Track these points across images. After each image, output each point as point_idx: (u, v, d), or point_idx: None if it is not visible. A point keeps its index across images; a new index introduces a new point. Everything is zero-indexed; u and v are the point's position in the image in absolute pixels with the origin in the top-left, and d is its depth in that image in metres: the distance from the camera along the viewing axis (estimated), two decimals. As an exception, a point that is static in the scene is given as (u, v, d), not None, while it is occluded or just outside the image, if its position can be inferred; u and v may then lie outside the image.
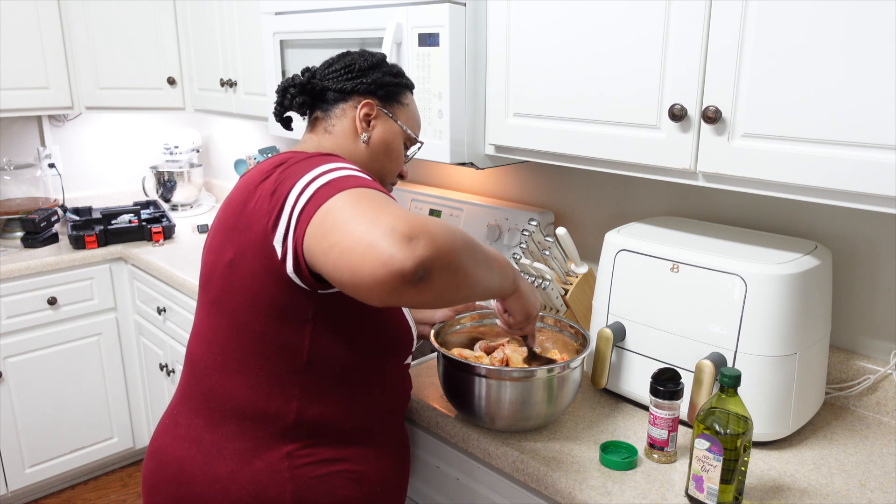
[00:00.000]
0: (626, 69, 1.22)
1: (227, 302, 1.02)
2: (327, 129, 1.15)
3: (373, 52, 1.18)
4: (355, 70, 1.14)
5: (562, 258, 1.57)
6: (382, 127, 1.16)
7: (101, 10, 2.50)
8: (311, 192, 0.91)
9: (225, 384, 1.04)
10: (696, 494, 1.03)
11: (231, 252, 1.00)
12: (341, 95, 1.14)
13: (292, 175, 0.95)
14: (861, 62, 0.96)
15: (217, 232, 1.05)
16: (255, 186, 1.00)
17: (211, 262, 1.05)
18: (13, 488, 2.44)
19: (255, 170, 1.06)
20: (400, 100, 1.18)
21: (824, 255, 1.22)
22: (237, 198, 1.02)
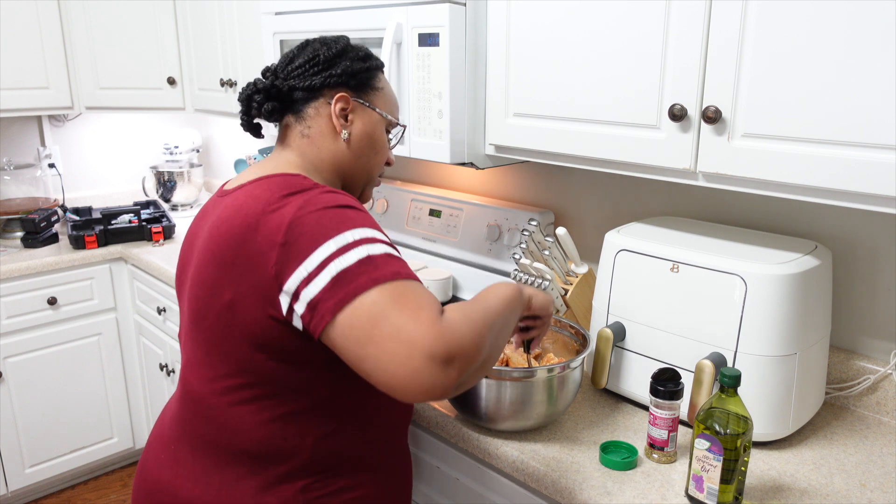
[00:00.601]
0: (626, 69, 1.22)
1: (229, 344, 0.94)
2: (304, 132, 1.07)
3: (334, 37, 1.10)
4: (321, 62, 1.05)
5: (562, 258, 1.57)
6: (361, 119, 1.09)
7: (101, 10, 2.50)
8: (335, 273, 0.84)
9: (235, 426, 0.97)
10: (696, 494, 1.03)
11: (230, 293, 0.92)
12: (311, 93, 1.06)
13: (309, 233, 0.86)
14: (861, 62, 0.96)
15: (209, 263, 0.95)
16: (255, 219, 0.91)
17: (203, 299, 0.96)
18: (13, 488, 2.44)
19: (249, 194, 0.95)
20: (373, 84, 1.10)
21: (824, 255, 1.22)
22: (233, 226, 0.93)
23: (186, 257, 1.06)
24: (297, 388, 0.95)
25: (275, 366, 0.93)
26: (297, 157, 1.06)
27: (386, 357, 0.79)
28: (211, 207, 1.06)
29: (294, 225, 0.87)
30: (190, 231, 1.09)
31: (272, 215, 0.90)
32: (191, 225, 1.11)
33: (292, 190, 0.93)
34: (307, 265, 0.85)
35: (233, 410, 0.96)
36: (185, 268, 1.05)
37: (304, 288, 0.85)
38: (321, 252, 0.85)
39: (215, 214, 1.00)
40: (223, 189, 1.08)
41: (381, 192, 2.20)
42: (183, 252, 1.09)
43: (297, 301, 0.86)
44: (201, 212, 1.09)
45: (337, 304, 0.82)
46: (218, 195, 1.07)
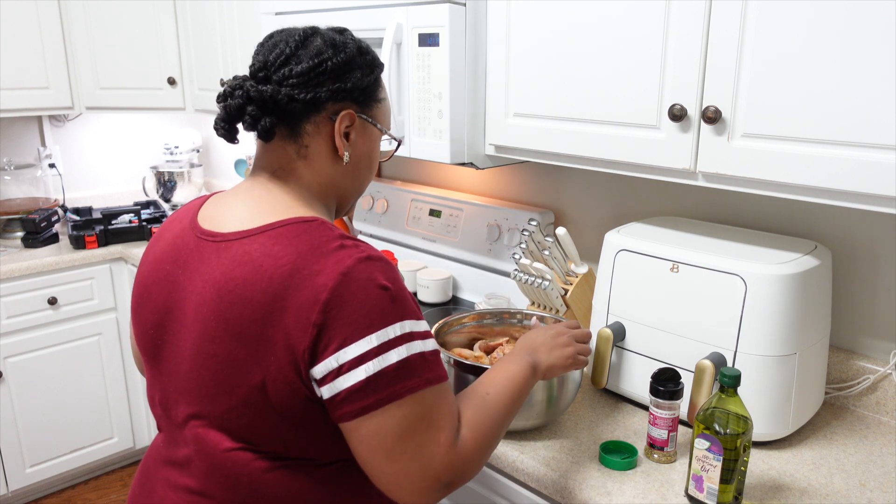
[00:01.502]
0: (627, 69, 1.22)
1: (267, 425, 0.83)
2: (300, 153, 0.91)
3: (338, 33, 0.92)
4: (328, 71, 0.88)
5: (562, 258, 1.57)
6: (363, 137, 0.94)
7: (101, 10, 2.50)
8: (371, 373, 0.77)
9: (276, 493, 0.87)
10: (695, 494, 1.03)
11: (259, 374, 0.80)
12: (312, 107, 0.89)
13: (350, 319, 0.77)
14: (860, 62, 0.96)
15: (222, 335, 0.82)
16: (282, 287, 0.78)
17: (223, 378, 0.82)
18: (13, 488, 2.44)
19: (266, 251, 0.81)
20: (378, 96, 0.95)
21: (824, 255, 1.22)
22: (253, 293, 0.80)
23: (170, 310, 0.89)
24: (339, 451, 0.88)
25: (315, 438, 0.86)
26: (294, 184, 0.91)
27: (398, 473, 0.80)
28: (196, 251, 0.88)
29: (332, 305, 0.77)
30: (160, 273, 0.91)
31: (303, 286, 0.78)
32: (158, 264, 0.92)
33: (320, 249, 0.81)
34: (340, 357, 0.77)
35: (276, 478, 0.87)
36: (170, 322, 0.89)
37: (335, 379, 0.78)
38: (360, 346, 0.77)
39: (219, 267, 0.84)
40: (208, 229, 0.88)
41: (382, 192, 2.20)
42: (156, 299, 0.91)
43: (323, 385, 0.79)
44: (171, 250, 0.91)
45: (364, 409, 0.78)
46: (203, 234, 0.88)
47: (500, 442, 1.21)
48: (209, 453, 0.86)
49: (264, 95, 0.87)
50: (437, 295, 1.95)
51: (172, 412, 0.91)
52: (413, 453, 0.80)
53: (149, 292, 0.92)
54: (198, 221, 0.91)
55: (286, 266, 0.79)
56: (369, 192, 2.24)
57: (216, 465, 0.86)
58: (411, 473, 0.80)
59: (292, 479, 0.87)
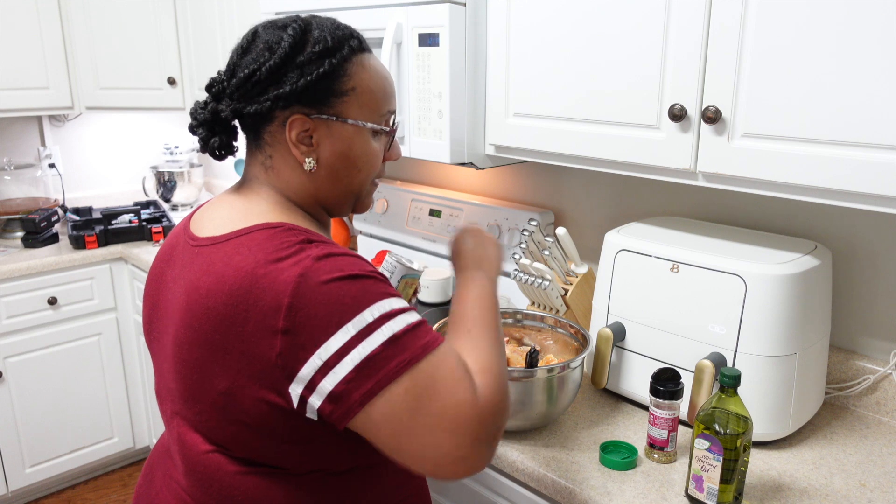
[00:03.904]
0: (626, 69, 1.22)
1: (230, 430, 0.82)
2: (265, 163, 0.89)
3: (281, 28, 0.85)
4: (262, 78, 0.83)
5: (562, 258, 1.57)
6: (329, 138, 0.87)
7: (101, 10, 2.50)
8: (359, 360, 0.74)
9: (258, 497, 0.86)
10: (695, 494, 1.03)
11: (225, 382, 0.79)
12: (260, 118, 0.86)
13: (319, 316, 0.74)
14: (860, 62, 0.96)
15: (192, 343, 0.81)
16: (242, 296, 0.77)
17: (194, 383, 0.82)
18: (13, 488, 2.44)
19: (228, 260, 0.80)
20: (339, 88, 0.85)
21: (824, 255, 1.22)
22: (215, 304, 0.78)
23: (157, 306, 0.92)
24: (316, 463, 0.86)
25: (286, 448, 0.83)
26: (268, 192, 0.89)
27: (430, 448, 0.75)
28: (182, 253, 0.89)
29: (296, 307, 0.74)
30: (157, 270, 0.94)
31: (262, 295, 0.76)
32: (157, 261, 0.95)
33: (278, 254, 0.78)
34: (322, 353, 0.74)
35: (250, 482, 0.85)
36: (158, 321, 0.91)
37: (322, 379, 0.75)
38: (339, 338, 0.74)
39: (191, 273, 0.84)
40: (195, 233, 0.89)
41: (381, 192, 2.20)
42: (150, 294, 0.94)
43: (313, 393, 0.76)
44: (168, 249, 0.93)
45: (365, 395, 0.74)
46: (189, 238, 0.89)
47: (500, 441, 1.21)
48: (188, 453, 0.87)
49: (206, 117, 0.87)
50: (437, 295, 1.95)
51: (163, 406, 0.93)
52: (434, 423, 0.74)
53: (148, 289, 0.96)
54: (189, 223, 0.92)
55: (246, 277, 0.77)
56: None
57: (194, 464, 0.86)
58: (443, 444, 0.74)
59: (266, 484, 0.84)
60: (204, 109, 0.88)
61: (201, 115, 0.88)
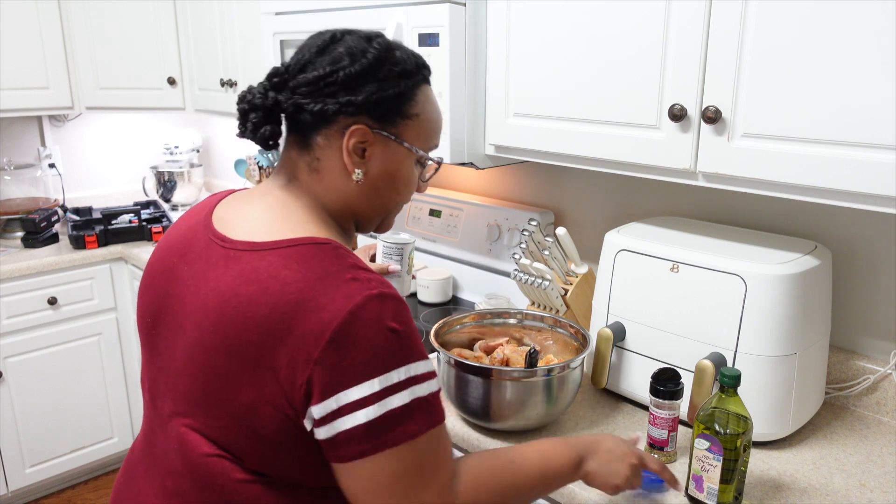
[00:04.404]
0: (626, 69, 1.22)
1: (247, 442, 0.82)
2: (312, 165, 0.87)
3: (365, 40, 0.86)
4: (339, 81, 0.83)
5: (562, 258, 1.57)
6: (383, 154, 0.87)
7: (101, 10, 2.50)
8: (373, 417, 0.75)
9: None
10: (696, 494, 1.03)
11: (251, 394, 0.78)
12: (322, 119, 0.84)
13: (353, 362, 0.75)
14: (860, 62, 0.96)
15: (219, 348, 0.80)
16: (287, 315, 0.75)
17: (214, 389, 0.81)
18: (13, 488, 2.44)
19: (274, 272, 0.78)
20: (406, 111, 0.87)
21: (824, 255, 1.22)
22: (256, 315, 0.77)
23: (166, 301, 0.89)
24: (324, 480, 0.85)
25: (300, 463, 0.83)
26: (307, 198, 0.88)
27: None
28: (206, 251, 0.86)
29: (336, 343, 0.74)
30: (166, 262, 0.90)
31: (308, 318, 0.75)
32: (165, 253, 0.92)
33: (330, 280, 0.77)
34: (341, 398, 0.75)
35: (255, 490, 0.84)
36: (166, 316, 0.88)
37: (333, 421, 0.75)
38: (363, 389, 0.75)
39: (227, 277, 0.81)
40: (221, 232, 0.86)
41: (381, 192, 2.20)
42: (156, 286, 0.91)
43: (321, 426, 0.77)
44: (183, 243, 0.90)
45: (361, 453, 0.76)
46: (216, 237, 0.86)
47: (501, 442, 1.21)
48: (188, 454, 0.85)
49: (266, 102, 0.85)
50: (437, 295, 1.95)
51: (158, 403, 0.90)
52: (406, 495, 0.78)
53: (153, 280, 0.91)
54: (212, 220, 0.89)
55: (293, 294, 0.76)
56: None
57: (193, 466, 0.84)
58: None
59: (270, 494, 0.84)
60: (263, 95, 0.85)
61: (259, 100, 0.85)
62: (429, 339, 1.32)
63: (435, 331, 1.32)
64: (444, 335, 1.35)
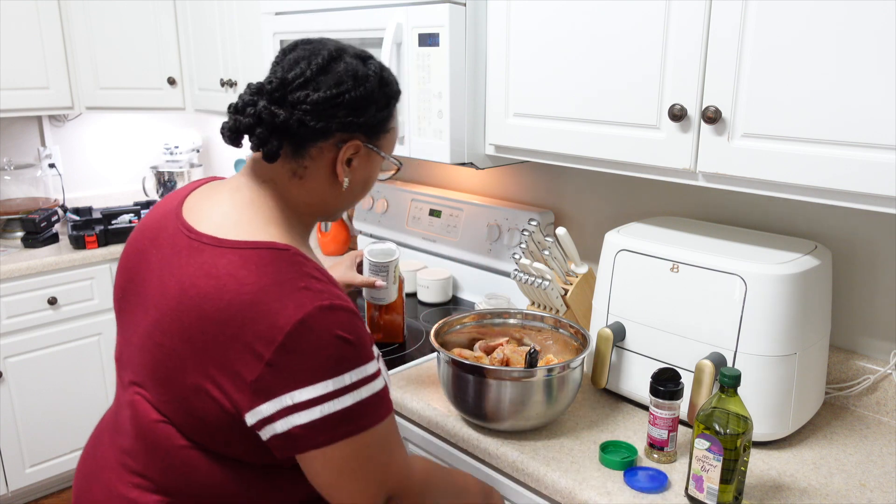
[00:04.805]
0: (626, 69, 1.22)
1: (191, 418, 0.86)
2: (297, 172, 0.92)
3: (363, 58, 0.93)
4: (345, 103, 0.89)
5: (562, 258, 1.57)
6: (365, 164, 0.96)
7: (101, 10, 2.50)
8: (325, 414, 0.81)
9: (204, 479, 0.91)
10: (695, 494, 1.03)
11: (196, 378, 0.83)
12: (322, 135, 0.90)
13: (304, 366, 0.79)
14: (860, 62, 0.96)
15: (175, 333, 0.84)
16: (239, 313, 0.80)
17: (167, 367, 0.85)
18: (13, 488, 2.44)
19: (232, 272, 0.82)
20: (388, 127, 0.97)
21: (824, 255, 1.22)
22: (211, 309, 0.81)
23: (134, 281, 0.94)
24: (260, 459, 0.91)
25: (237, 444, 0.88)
26: (279, 201, 0.93)
27: (354, 492, 0.87)
28: (174, 240, 0.90)
29: (287, 348, 0.79)
30: (139, 245, 0.95)
31: (260, 320, 0.79)
32: (140, 237, 0.96)
33: (285, 287, 0.81)
34: (295, 396, 0.80)
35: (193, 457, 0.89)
36: (133, 294, 0.93)
37: (285, 417, 0.80)
38: (316, 389, 0.80)
39: (189, 267, 0.85)
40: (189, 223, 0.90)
41: (382, 192, 2.20)
42: (128, 267, 0.96)
43: (270, 424, 0.81)
44: (155, 228, 0.94)
45: (318, 444, 0.83)
46: (184, 227, 0.90)
47: (500, 441, 1.21)
48: (139, 419, 0.91)
49: (276, 120, 0.88)
50: (437, 295, 1.96)
51: (122, 372, 0.97)
52: (366, 478, 0.87)
53: (126, 260, 0.98)
54: (182, 209, 0.93)
55: (248, 294, 0.80)
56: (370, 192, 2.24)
57: (143, 430, 0.90)
58: (366, 492, 0.88)
59: (209, 462, 0.90)
60: (269, 111, 0.88)
61: (266, 115, 0.88)
62: (429, 339, 1.32)
63: (435, 331, 1.32)
64: (444, 335, 1.35)
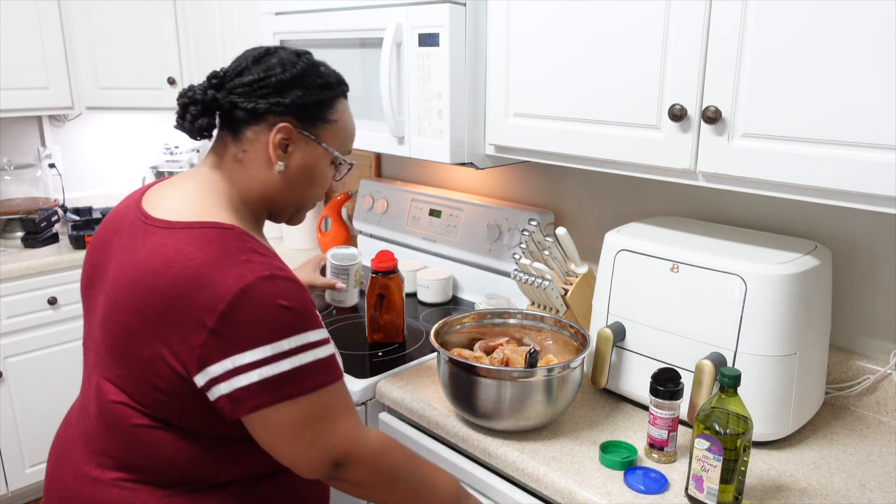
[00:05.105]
0: (626, 69, 1.22)
1: (150, 390, 0.91)
2: (238, 156, 0.99)
3: (296, 54, 1.00)
4: (271, 84, 0.96)
5: (562, 258, 1.57)
6: (303, 153, 1.01)
7: (101, 10, 2.50)
8: (265, 377, 0.85)
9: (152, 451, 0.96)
10: (696, 494, 1.03)
11: (150, 350, 0.89)
12: (253, 116, 0.97)
13: (244, 332, 0.85)
14: (860, 62, 0.96)
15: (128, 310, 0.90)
16: (185, 286, 0.85)
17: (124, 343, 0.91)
18: (13, 488, 2.44)
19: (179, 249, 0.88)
20: (326, 117, 1.01)
21: (824, 255, 1.22)
22: (159, 283, 0.87)
23: (98, 268, 1.00)
24: (215, 430, 0.95)
25: (191, 413, 0.93)
26: (226, 185, 1.00)
27: (298, 455, 0.90)
28: (134, 229, 0.96)
29: (229, 315, 0.84)
30: (103, 236, 1.02)
31: (203, 291, 0.85)
32: (104, 228, 1.03)
33: (227, 260, 0.87)
34: (236, 360, 0.85)
35: (151, 435, 0.94)
36: (97, 281, 1.00)
37: (228, 380, 0.86)
38: (254, 354, 0.85)
39: (142, 249, 0.91)
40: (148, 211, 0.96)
41: (382, 192, 2.20)
42: (93, 256, 1.02)
43: (214, 387, 0.86)
44: (118, 219, 1.01)
45: (259, 405, 0.87)
46: (141, 214, 0.97)
47: (500, 442, 1.21)
48: (100, 400, 0.96)
49: (206, 98, 0.97)
50: (437, 295, 1.96)
51: (86, 356, 1.02)
52: (310, 441, 0.90)
53: (91, 251, 1.03)
54: (142, 200, 1.01)
55: (193, 269, 0.86)
56: (369, 192, 2.24)
57: (103, 411, 0.96)
58: (310, 454, 0.90)
59: (167, 436, 0.94)
60: (203, 92, 0.98)
61: (199, 95, 0.97)
62: (429, 339, 1.32)
63: (435, 331, 1.32)
64: (444, 335, 1.35)
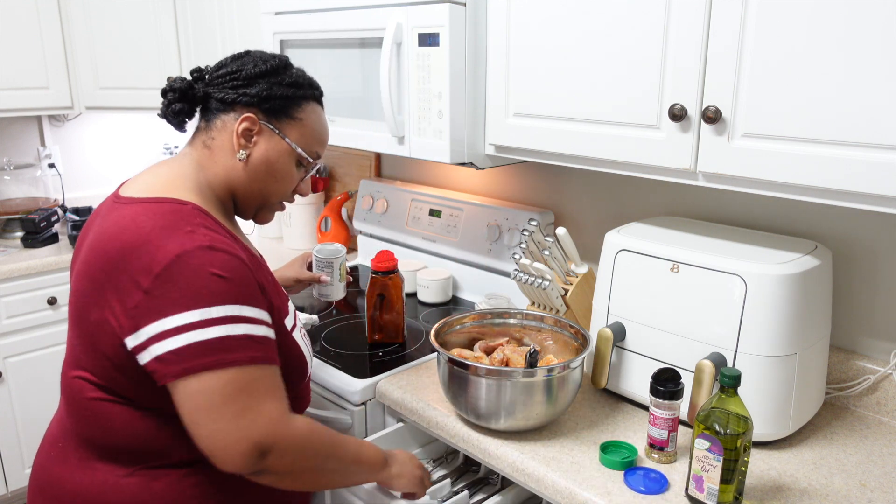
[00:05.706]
0: (627, 69, 1.22)
1: (97, 356, 0.96)
2: (207, 143, 1.07)
3: (272, 55, 1.09)
4: (241, 77, 1.05)
5: (562, 258, 1.57)
6: (266, 144, 1.07)
7: (101, 10, 2.50)
8: (190, 342, 0.87)
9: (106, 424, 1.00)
10: (696, 494, 1.03)
11: (96, 314, 0.94)
12: (224, 105, 1.06)
13: (175, 294, 0.88)
14: (860, 62, 0.96)
15: (84, 276, 0.97)
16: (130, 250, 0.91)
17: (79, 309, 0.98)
18: (13, 488, 2.44)
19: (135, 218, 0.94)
20: (292, 114, 1.08)
21: (824, 255, 1.22)
22: (110, 249, 0.93)
23: (78, 251, 1.06)
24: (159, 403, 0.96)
25: (135, 383, 0.95)
26: (194, 170, 1.06)
27: (218, 432, 0.88)
28: (106, 209, 1.03)
29: (162, 277, 0.88)
30: (88, 223, 1.08)
31: (144, 255, 0.90)
32: (90, 217, 1.09)
33: (173, 230, 0.92)
34: (166, 323, 0.88)
35: (104, 408, 0.98)
36: (75, 263, 1.06)
37: (155, 343, 0.88)
38: (182, 318, 0.88)
39: (105, 223, 0.98)
40: (120, 193, 1.04)
41: (381, 192, 2.20)
42: (78, 242, 1.08)
43: (144, 350, 0.89)
44: (99, 207, 1.08)
45: (183, 371, 0.88)
46: (114, 197, 1.04)
47: (500, 442, 1.21)
48: (63, 377, 1.03)
49: (182, 86, 1.06)
50: (437, 295, 1.95)
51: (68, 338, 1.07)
52: (233, 417, 0.88)
53: (78, 238, 1.09)
54: (121, 186, 1.07)
55: (142, 236, 0.91)
56: (369, 192, 2.24)
57: (65, 387, 1.03)
58: (230, 435, 0.88)
59: (120, 409, 0.97)
60: (182, 81, 1.07)
61: (178, 84, 1.07)
62: (429, 339, 1.32)
63: (435, 331, 1.32)
64: (444, 335, 1.35)
